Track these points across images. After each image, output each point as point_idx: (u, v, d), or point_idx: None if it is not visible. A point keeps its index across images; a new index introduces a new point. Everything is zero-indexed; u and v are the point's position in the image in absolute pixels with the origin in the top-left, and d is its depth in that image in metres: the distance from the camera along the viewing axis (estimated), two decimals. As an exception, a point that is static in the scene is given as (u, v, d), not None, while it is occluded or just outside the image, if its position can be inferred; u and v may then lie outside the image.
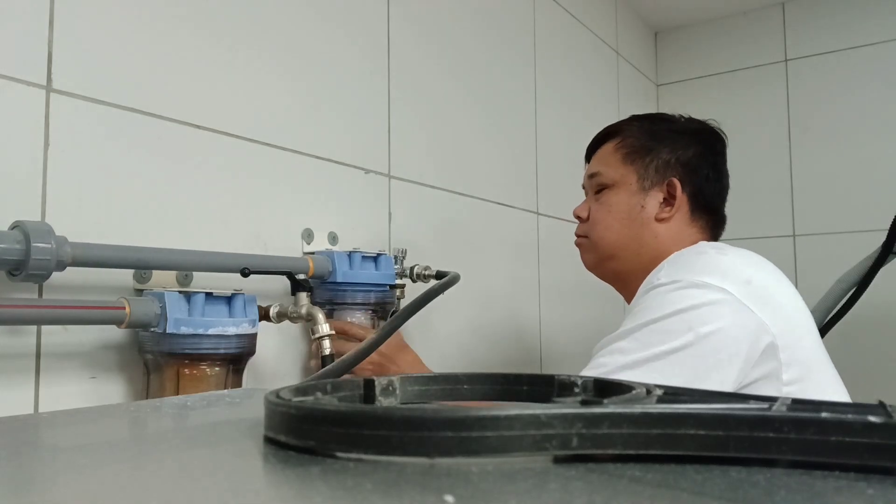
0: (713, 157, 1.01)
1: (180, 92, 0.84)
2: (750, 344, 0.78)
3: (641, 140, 1.00)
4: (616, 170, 1.00)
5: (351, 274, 0.94)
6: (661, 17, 2.31)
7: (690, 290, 0.80)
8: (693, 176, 0.98)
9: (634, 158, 0.99)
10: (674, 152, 0.98)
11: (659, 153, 0.98)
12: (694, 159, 0.98)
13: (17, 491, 0.25)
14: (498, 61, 1.50)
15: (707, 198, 0.99)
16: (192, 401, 0.45)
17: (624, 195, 0.99)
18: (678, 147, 0.99)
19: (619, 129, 1.03)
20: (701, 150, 1.00)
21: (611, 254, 1.00)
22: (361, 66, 1.12)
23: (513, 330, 1.50)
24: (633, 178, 0.98)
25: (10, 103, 0.68)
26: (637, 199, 0.98)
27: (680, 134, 1.00)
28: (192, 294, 0.74)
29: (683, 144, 0.99)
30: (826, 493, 0.23)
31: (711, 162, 1.00)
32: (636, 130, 1.01)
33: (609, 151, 1.02)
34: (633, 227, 0.98)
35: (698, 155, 0.99)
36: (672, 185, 0.97)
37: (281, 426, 0.29)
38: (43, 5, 0.71)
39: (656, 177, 0.98)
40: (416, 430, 0.25)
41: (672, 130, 1.01)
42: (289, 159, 0.98)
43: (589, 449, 0.25)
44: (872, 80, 2.03)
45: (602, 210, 1.00)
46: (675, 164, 0.98)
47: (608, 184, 1.00)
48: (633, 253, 0.98)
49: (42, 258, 0.62)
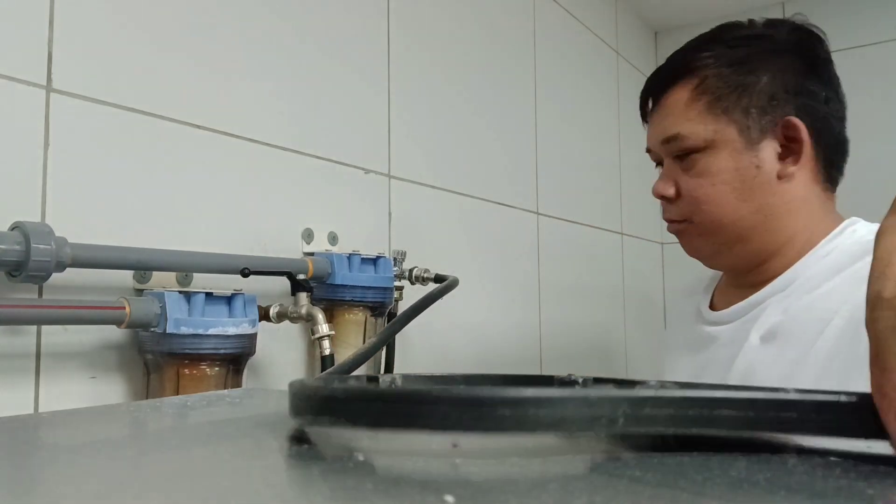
0: (823, 69, 0.75)
1: (180, 92, 0.84)
2: None
3: (728, 75, 0.74)
4: (705, 125, 0.74)
5: (350, 276, 0.94)
6: (661, 17, 2.31)
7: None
8: (811, 104, 0.73)
9: (726, 104, 0.73)
10: (777, 80, 0.73)
11: (758, 87, 0.73)
12: (804, 80, 0.73)
13: (17, 491, 0.25)
14: (498, 61, 1.50)
15: (833, 127, 0.74)
16: (193, 401, 0.45)
17: (727, 157, 0.73)
18: (780, 71, 0.73)
19: (689, 64, 0.77)
20: (806, 63, 0.74)
21: (736, 236, 0.75)
22: (361, 66, 1.12)
23: (513, 330, 1.50)
24: (733, 132, 0.73)
25: (10, 103, 0.68)
26: (747, 159, 0.73)
27: (773, 53, 0.74)
28: (192, 294, 0.74)
29: (785, 65, 0.73)
30: (826, 493, 0.23)
31: (823, 76, 0.75)
32: (716, 63, 0.75)
33: (685, 102, 0.76)
34: (754, 196, 0.73)
35: (805, 71, 0.74)
36: (791, 126, 0.72)
37: (329, 408, 0.29)
38: (43, 5, 0.71)
39: (764, 121, 0.73)
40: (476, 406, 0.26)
41: (766, 51, 0.74)
42: (289, 159, 0.98)
43: (634, 427, 0.27)
44: (872, 80, 2.03)
45: (703, 184, 0.75)
46: (786, 95, 0.73)
47: (699, 146, 0.74)
48: (763, 230, 0.74)
49: (42, 259, 0.62)
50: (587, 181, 1.88)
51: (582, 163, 1.84)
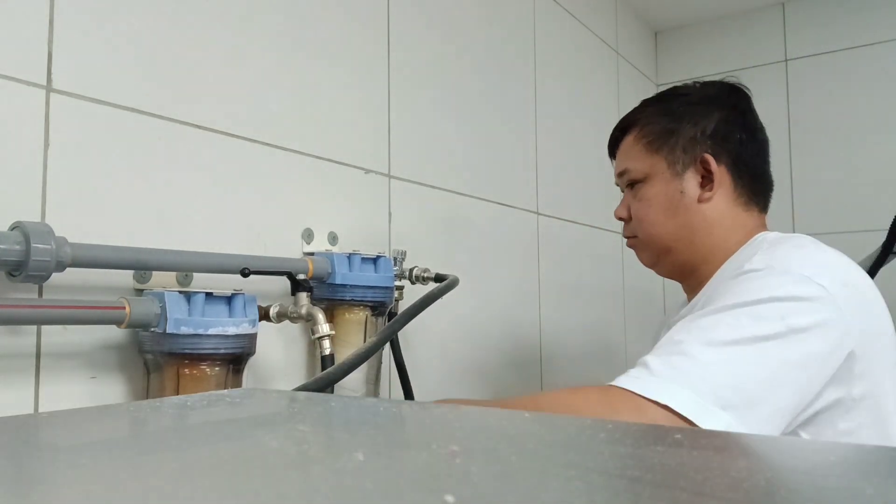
0: (740, 118, 0.94)
1: (181, 92, 0.84)
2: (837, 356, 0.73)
3: (660, 124, 0.94)
4: (643, 162, 0.94)
5: (350, 276, 0.94)
6: (661, 17, 2.31)
7: (788, 278, 0.75)
8: (725, 144, 0.91)
9: (659, 145, 0.93)
10: (697, 126, 0.92)
11: (681, 132, 0.92)
12: (720, 127, 0.92)
13: (17, 491, 0.25)
14: (498, 61, 1.50)
15: (748, 162, 0.92)
16: (193, 401, 0.45)
17: (659, 185, 0.93)
18: (700, 119, 0.92)
19: (634, 119, 0.98)
20: (725, 114, 0.93)
21: (665, 247, 0.94)
22: (361, 65, 1.12)
23: (513, 330, 1.50)
24: (663, 166, 0.93)
25: (10, 103, 0.68)
26: (674, 186, 0.92)
27: (697, 105, 0.94)
28: (192, 294, 0.74)
29: (704, 114, 0.92)
30: (826, 493, 0.23)
31: (740, 123, 0.93)
32: (652, 115, 0.96)
33: (630, 145, 0.97)
34: (678, 215, 0.92)
35: (723, 120, 0.92)
36: (705, 161, 0.91)
37: None
38: (43, 5, 0.71)
39: (686, 157, 0.92)
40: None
41: (688, 104, 0.94)
42: (289, 159, 0.98)
43: None
44: (872, 80, 2.03)
45: (642, 206, 0.95)
46: (702, 138, 0.91)
47: (639, 178, 0.95)
48: (688, 242, 0.92)
49: (42, 259, 0.62)
50: (587, 181, 1.88)
51: (582, 163, 1.84)
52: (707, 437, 0.32)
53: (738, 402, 0.68)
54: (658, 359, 0.72)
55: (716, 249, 0.90)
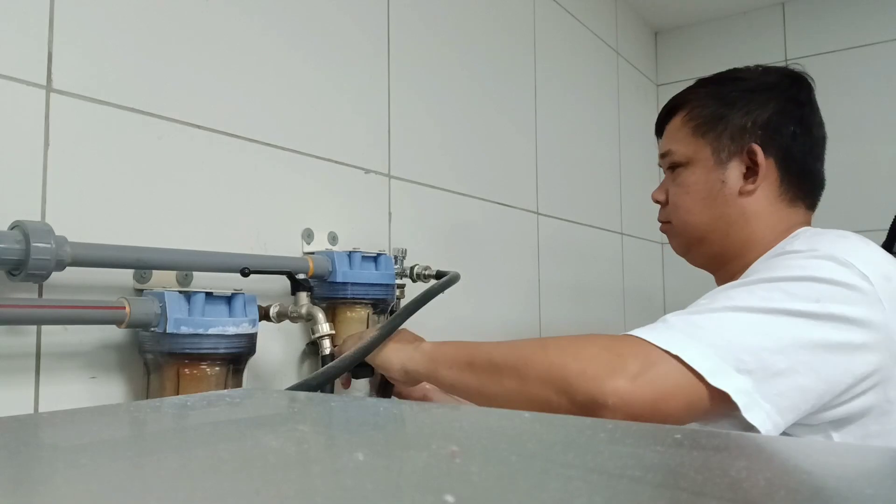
0: (798, 110, 0.89)
1: (180, 92, 0.84)
2: (873, 356, 0.68)
3: (711, 107, 0.89)
4: (687, 145, 0.90)
5: (351, 274, 0.94)
6: (661, 17, 2.31)
7: (831, 263, 0.70)
8: (776, 137, 0.86)
9: (705, 130, 0.89)
10: (749, 115, 0.87)
11: (731, 119, 0.87)
12: (774, 118, 0.87)
13: (17, 491, 0.25)
14: (498, 61, 1.50)
15: (797, 157, 0.88)
16: (192, 401, 0.45)
17: (700, 172, 0.89)
18: (753, 108, 0.87)
19: (685, 98, 0.93)
20: (781, 104, 0.88)
21: (698, 237, 0.90)
22: (361, 65, 1.12)
23: (513, 330, 1.50)
24: (708, 152, 0.88)
25: (10, 103, 0.68)
26: (716, 175, 0.88)
27: (753, 92, 0.89)
28: (192, 294, 0.74)
29: (759, 103, 0.87)
30: (826, 493, 0.23)
31: (797, 116, 0.88)
32: (704, 97, 0.91)
33: (677, 126, 0.92)
34: (716, 206, 0.88)
35: (778, 112, 0.87)
36: (752, 152, 0.86)
37: None
38: (43, 5, 0.71)
39: (732, 146, 0.87)
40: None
41: (744, 90, 0.89)
42: (289, 159, 0.98)
43: None
44: (872, 80, 2.03)
45: (679, 192, 0.91)
46: (752, 128, 0.86)
47: (681, 162, 0.91)
48: (722, 234, 0.88)
49: (42, 258, 0.62)
50: (587, 181, 1.88)
51: (582, 163, 1.84)
52: (707, 438, 0.32)
53: (757, 368, 0.64)
54: (679, 316, 0.69)
55: (751, 244, 0.87)
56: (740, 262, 0.86)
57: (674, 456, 0.27)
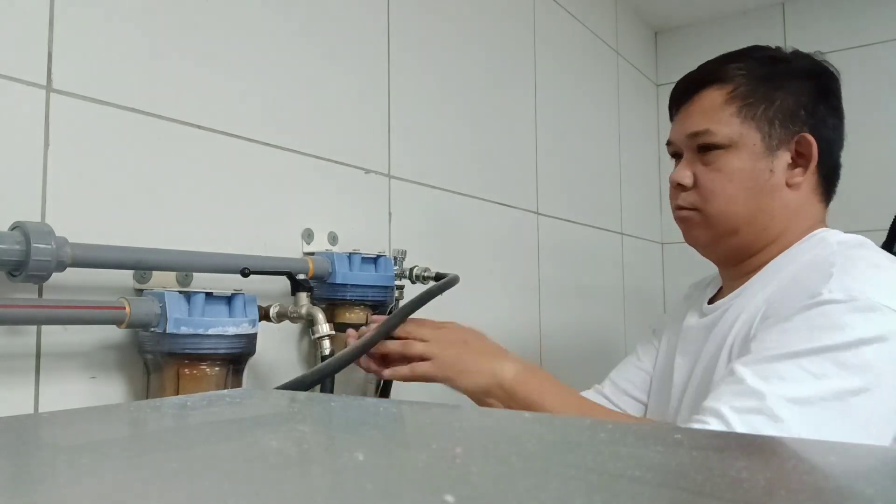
0: (834, 101, 0.85)
1: (180, 92, 0.84)
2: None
3: (758, 87, 0.82)
4: (733, 127, 0.81)
5: (350, 275, 0.94)
6: (661, 17, 2.31)
7: (872, 315, 0.66)
8: (821, 127, 0.82)
9: (755, 113, 0.81)
10: (799, 100, 0.81)
11: (783, 103, 0.81)
12: (821, 106, 0.82)
13: (17, 491, 0.25)
14: (498, 61, 1.50)
15: (833, 150, 0.83)
16: (193, 401, 0.45)
17: (747, 159, 0.81)
18: (801, 93, 0.82)
19: (724, 73, 0.84)
20: (824, 93, 0.83)
21: (733, 228, 0.82)
22: (361, 66, 1.12)
23: (513, 330, 1.50)
24: (757, 137, 0.81)
25: (10, 103, 0.68)
26: (764, 164, 0.81)
27: (798, 77, 0.83)
28: (192, 294, 0.74)
29: (805, 90, 0.82)
30: (826, 493, 0.23)
31: (834, 107, 0.84)
32: (748, 76, 0.83)
33: (719, 103, 0.83)
34: (761, 197, 0.81)
35: (823, 100, 0.83)
36: (804, 142, 0.80)
37: None
38: (43, 5, 0.71)
39: (783, 133, 0.81)
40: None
41: (789, 74, 0.83)
42: (289, 159, 0.98)
43: None
44: (872, 80, 2.03)
45: (719, 178, 0.82)
46: (802, 113, 0.81)
47: (723, 144, 0.81)
48: (760, 227, 0.82)
49: (42, 259, 0.62)
50: (587, 181, 1.88)
51: (582, 163, 1.84)
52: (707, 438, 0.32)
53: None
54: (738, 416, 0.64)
55: (781, 239, 0.82)
56: (761, 258, 0.83)
57: (674, 456, 0.27)
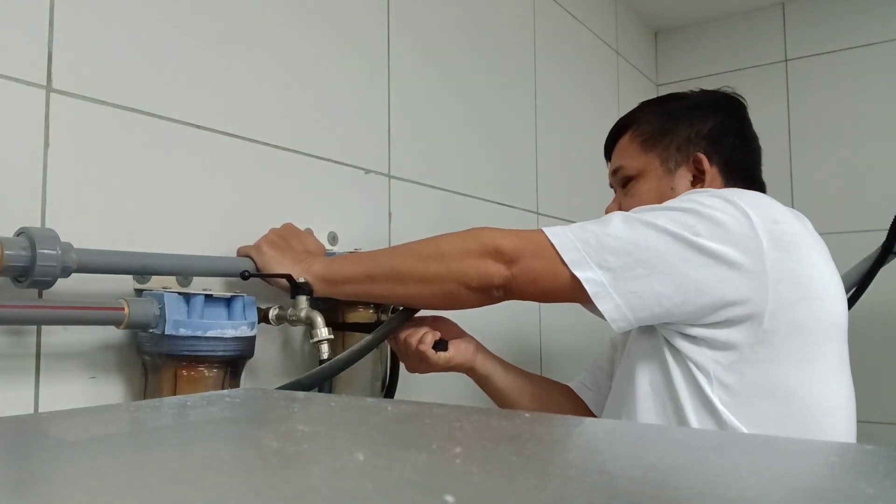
0: (736, 123, 0.97)
1: (180, 92, 0.84)
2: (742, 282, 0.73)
3: (656, 123, 0.97)
4: (637, 159, 0.97)
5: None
6: (661, 17, 2.31)
7: (717, 200, 0.76)
8: (718, 147, 0.94)
9: (653, 143, 0.96)
10: (692, 127, 0.95)
11: (677, 132, 0.95)
12: (715, 129, 0.95)
13: (18, 490, 0.25)
14: (498, 61, 1.50)
15: (739, 165, 0.95)
16: (192, 401, 0.45)
17: (651, 182, 0.96)
18: (696, 121, 0.95)
19: (631, 119, 1.01)
20: (721, 118, 0.96)
21: None
22: (361, 66, 1.12)
23: (513, 330, 1.49)
24: (657, 163, 0.96)
25: (10, 103, 0.68)
26: (666, 183, 0.95)
27: (694, 108, 0.97)
28: (191, 296, 0.73)
29: (701, 117, 0.96)
30: (826, 492, 0.23)
31: (735, 128, 0.97)
32: (648, 116, 0.99)
33: (626, 144, 1.00)
34: None
35: (719, 124, 0.95)
36: (698, 160, 0.93)
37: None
38: (43, 5, 0.71)
39: (679, 156, 0.95)
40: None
41: (686, 107, 0.98)
42: (289, 159, 0.98)
43: None
44: (872, 80, 2.03)
45: (633, 202, 0.96)
46: (697, 138, 0.94)
47: (633, 175, 0.98)
48: None
49: (48, 265, 0.62)
50: (587, 181, 1.87)
51: (582, 163, 1.84)
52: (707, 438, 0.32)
53: (618, 267, 0.73)
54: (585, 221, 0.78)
55: None
56: None
57: (674, 456, 0.27)
